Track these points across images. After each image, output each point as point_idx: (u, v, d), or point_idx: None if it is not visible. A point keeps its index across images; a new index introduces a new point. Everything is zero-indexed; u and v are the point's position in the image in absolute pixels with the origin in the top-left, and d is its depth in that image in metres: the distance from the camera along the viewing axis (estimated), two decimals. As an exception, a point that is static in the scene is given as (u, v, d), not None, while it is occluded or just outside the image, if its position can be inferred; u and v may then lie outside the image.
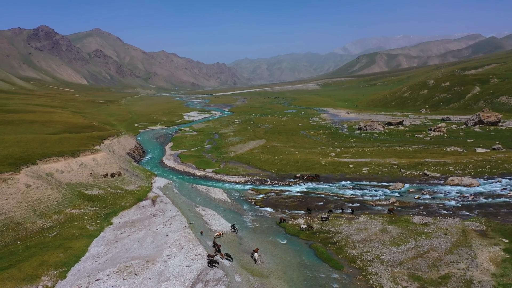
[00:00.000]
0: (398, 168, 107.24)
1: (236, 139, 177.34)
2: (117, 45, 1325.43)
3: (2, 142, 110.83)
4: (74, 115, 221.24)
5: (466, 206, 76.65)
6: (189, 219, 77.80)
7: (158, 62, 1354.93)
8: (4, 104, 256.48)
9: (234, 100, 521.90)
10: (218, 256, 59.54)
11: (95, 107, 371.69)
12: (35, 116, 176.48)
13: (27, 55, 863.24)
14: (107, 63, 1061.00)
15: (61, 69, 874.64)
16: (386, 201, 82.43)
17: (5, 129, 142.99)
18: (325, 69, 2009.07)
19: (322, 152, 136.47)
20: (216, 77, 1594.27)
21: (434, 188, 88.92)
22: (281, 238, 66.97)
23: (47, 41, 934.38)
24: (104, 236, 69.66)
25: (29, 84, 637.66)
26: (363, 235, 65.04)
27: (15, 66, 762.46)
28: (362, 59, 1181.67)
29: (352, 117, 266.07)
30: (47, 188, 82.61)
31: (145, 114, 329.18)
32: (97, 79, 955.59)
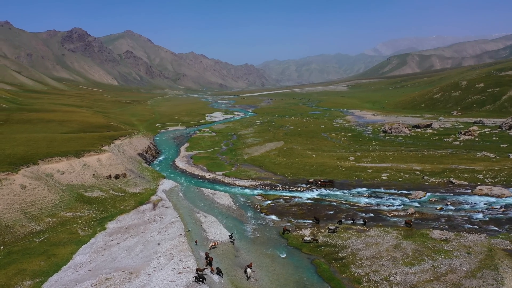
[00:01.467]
0: (421, 174, 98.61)
1: (253, 140, 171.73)
2: (147, 46, 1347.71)
3: (11, 141, 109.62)
4: (95, 114, 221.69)
5: (495, 220, 67.99)
6: (187, 226, 72.73)
7: (187, 63, 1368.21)
8: (30, 103, 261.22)
9: (260, 101, 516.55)
10: (208, 270, 54.06)
11: (120, 107, 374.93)
12: (54, 116, 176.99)
13: (61, 57, 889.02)
14: (137, 64, 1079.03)
15: (92, 70, 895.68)
16: (403, 212, 74.63)
17: (22, 128, 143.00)
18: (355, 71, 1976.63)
19: (340, 155, 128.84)
20: (244, 78, 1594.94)
21: (460, 198, 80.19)
22: (282, 251, 60.69)
23: (80, 43, 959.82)
24: (93, 242, 65.42)
25: (62, 85, 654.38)
26: (373, 251, 57.85)
27: (49, 67, 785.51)
28: (392, 60, 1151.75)
29: (378, 119, 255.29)
30: (44, 189, 79.52)
31: (168, 114, 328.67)
32: (127, 80, 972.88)
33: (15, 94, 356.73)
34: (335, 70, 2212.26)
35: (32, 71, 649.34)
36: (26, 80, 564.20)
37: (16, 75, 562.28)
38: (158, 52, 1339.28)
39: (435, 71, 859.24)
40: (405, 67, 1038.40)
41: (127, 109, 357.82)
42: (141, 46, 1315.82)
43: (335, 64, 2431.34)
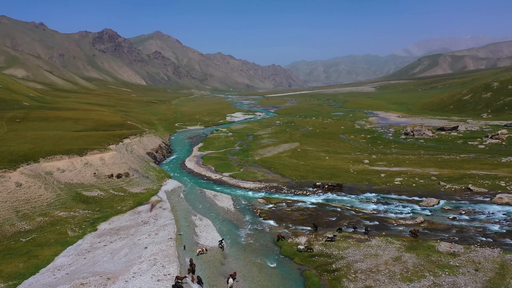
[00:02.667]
0: (437, 180, 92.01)
1: (268, 141, 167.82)
2: (176, 47, 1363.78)
3: (20, 138, 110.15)
4: (115, 113, 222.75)
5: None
6: (180, 229, 69.75)
7: (214, 64, 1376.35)
8: (54, 101, 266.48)
9: (284, 102, 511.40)
10: (188, 278, 50.68)
11: (144, 107, 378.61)
12: (72, 114, 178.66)
13: (91, 57, 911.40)
14: (165, 65, 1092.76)
15: (122, 70, 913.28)
16: (411, 221, 68.98)
17: (36, 125, 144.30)
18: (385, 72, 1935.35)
19: (354, 158, 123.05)
20: (271, 79, 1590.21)
21: (476, 207, 73.64)
22: (272, 259, 56.60)
23: (110, 44, 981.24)
24: (80, 244, 63.35)
25: (91, 84, 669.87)
26: (370, 263, 52.95)
27: (80, 67, 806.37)
28: (423, 60, 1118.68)
29: (402, 121, 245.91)
30: (40, 187, 78.43)
31: (190, 114, 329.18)
32: (155, 80, 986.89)
33: (44, 93, 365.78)
34: (364, 71, 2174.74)
35: (63, 70, 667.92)
36: (57, 79, 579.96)
37: (47, 74, 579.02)
38: (186, 53, 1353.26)
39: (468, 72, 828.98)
40: (436, 68, 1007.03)
41: (150, 109, 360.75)
42: (169, 47, 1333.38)
43: (364, 65, 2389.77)
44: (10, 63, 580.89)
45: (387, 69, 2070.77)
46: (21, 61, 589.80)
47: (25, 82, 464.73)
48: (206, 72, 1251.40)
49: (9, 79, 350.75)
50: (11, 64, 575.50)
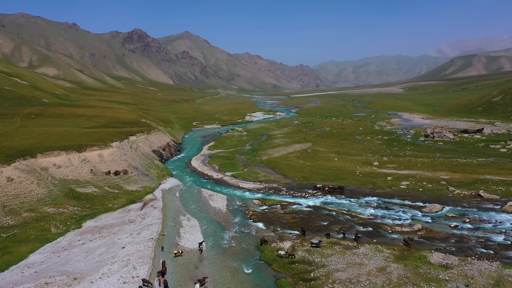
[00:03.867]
0: (447, 185, 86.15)
1: (281, 141, 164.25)
2: (204, 47, 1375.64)
3: (26, 134, 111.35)
4: (132, 111, 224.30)
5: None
6: (164, 229, 67.63)
7: (242, 64, 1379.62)
8: (76, 99, 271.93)
9: (307, 102, 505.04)
10: (156, 282, 48.25)
11: (167, 105, 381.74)
12: (87, 111, 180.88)
13: (121, 56, 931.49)
14: (192, 64, 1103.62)
15: (150, 69, 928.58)
16: (408, 228, 64.17)
17: (50, 122, 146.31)
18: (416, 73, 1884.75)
19: (364, 160, 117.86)
20: (299, 79, 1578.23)
21: (483, 215, 67.89)
22: (249, 265, 53.41)
23: (139, 43, 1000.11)
24: (59, 242, 62.15)
25: (120, 83, 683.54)
26: (351, 273, 48.94)
27: (109, 66, 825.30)
28: (456, 61, 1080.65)
29: (426, 122, 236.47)
30: (32, 183, 78.15)
31: (210, 113, 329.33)
32: (182, 79, 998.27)
33: (71, 91, 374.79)
34: (395, 72, 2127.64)
35: (93, 70, 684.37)
36: (86, 78, 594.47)
37: (77, 73, 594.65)
38: (214, 53, 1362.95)
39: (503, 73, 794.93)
40: (470, 69, 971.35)
41: (172, 107, 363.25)
42: (198, 47, 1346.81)
43: (395, 65, 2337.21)
44: (42, 62, 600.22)
45: (418, 70, 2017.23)
46: (53, 60, 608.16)
47: (55, 81, 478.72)
48: (233, 72, 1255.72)
49: (37, 77, 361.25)
50: (43, 63, 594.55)
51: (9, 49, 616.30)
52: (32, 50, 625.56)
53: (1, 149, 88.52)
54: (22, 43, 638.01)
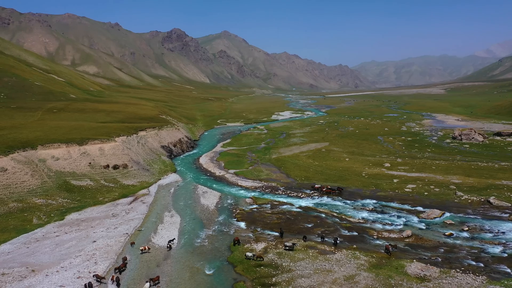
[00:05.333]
0: (456, 189, 79.49)
1: (298, 140, 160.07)
2: (242, 46, 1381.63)
3: (38, 126, 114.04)
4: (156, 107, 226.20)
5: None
6: (144, 225, 66.25)
7: (279, 63, 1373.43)
8: (107, 95, 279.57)
9: (341, 102, 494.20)
10: (109, 279, 46.55)
11: (198, 103, 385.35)
12: (109, 106, 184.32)
13: (160, 55, 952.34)
14: (229, 63, 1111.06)
15: (187, 68, 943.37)
16: (397, 234, 59.08)
17: (69, 116, 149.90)
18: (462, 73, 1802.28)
19: (376, 161, 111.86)
20: (337, 79, 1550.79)
21: (486, 224, 61.51)
22: (213, 266, 50.66)
23: (178, 43, 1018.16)
24: (35, 233, 62.06)
25: (157, 81, 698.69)
26: (316, 280, 45.13)
27: (148, 65, 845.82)
28: (505, 62, 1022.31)
29: (460, 124, 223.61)
30: (26, 174, 79.12)
31: (238, 111, 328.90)
32: (219, 78, 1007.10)
33: (106, 88, 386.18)
34: (439, 73, 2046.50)
35: (132, 68, 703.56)
36: (125, 76, 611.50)
37: (116, 71, 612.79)
38: (252, 52, 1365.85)
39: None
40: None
41: (202, 105, 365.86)
42: (236, 46, 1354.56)
43: (439, 66, 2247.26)
44: (84, 60, 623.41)
45: (464, 70, 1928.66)
46: (94, 58, 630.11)
47: (94, 78, 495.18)
48: (270, 71, 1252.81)
49: (75, 74, 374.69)
50: (85, 61, 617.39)
51: (54, 47, 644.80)
52: (75, 49, 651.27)
53: (5, 140, 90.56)
54: (66, 42, 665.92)
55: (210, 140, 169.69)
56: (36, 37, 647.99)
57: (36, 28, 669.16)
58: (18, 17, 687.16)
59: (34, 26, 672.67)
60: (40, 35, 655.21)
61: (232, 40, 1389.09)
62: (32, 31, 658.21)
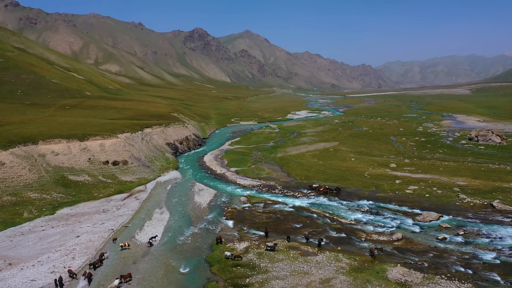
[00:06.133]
0: (459, 192, 75.89)
1: (308, 139, 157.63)
2: (263, 46, 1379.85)
3: (45, 122, 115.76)
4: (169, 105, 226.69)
5: (507, 265, 46.64)
6: (131, 221, 65.88)
7: (301, 63, 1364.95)
8: (124, 93, 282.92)
9: (361, 102, 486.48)
10: (81, 274, 46.04)
11: (214, 102, 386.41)
12: (122, 104, 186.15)
13: (182, 55, 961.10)
14: (250, 63, 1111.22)
15: (208, 67, 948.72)
16: (387, 236, 56.59)
17: (80, 112, 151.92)
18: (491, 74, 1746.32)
19: (382, 161, 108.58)
20: (360, 79, 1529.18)
21: (484, 228, 58.24)
22: (190, 264, 49.51)
23: (199, 42, 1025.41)
24: (23, 226, 62.50)
25: (178, 80, 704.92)
26: (290, 282, 43.38)
27: (170, 64, 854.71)
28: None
29: (481, 125, 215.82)
30: (24, 168, 79.99)
31: (254, 110, 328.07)
32: (240, 77, 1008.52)
33: (125, 86, 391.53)
34: (466, 73, 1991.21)
35: (153, 67, 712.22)
36: (146, 74, 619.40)
37: (138, 70, 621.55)
38: (273, 52, 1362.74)
39: None
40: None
41: (219, 104, 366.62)
42: (257, 46, 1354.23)
43: (467, 66, 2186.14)
44: (106, 59, 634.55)
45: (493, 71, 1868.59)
46: (116, 57, 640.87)
47: (116, 77, 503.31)
48: (292, 71, 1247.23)
49: (95, 73, 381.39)
50: (108, 60, 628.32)
51: (78, 46, 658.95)
52: (98, 48, 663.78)
53: (9, 135, 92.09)
54: (90, 41, 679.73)
55: (220, 138, 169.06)
56: (62, 37, 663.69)
57: (62, 27, 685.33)
58: (45, 17, 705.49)
59: (60, 25, 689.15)
60: (65, 35, 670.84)
61: (254, 40, 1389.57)
62: (58, 31, 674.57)
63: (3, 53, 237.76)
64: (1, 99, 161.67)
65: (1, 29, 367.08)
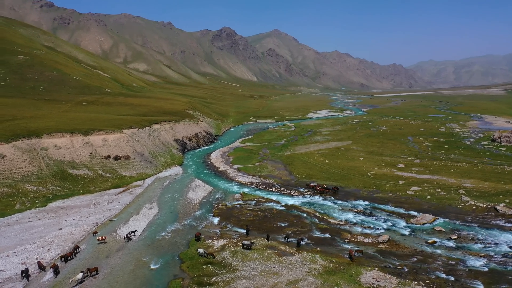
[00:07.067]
0: (463, 194, 71.65)
1: (322, 138, 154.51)
2: (292, 45, 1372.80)
3: (57, 117, 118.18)
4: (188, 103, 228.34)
5: (495, 272, 43.21)
6: (118, 215, 65.80)
7: (329, 62, 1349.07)
8: (145, 91, 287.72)
9: (387, 102, 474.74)
10: (49, 267, 45.88)
11: (237, 100, 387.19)
12: (138, 101, 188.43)
13: (209, 53, 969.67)
14: (277, 62, 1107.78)
15: (235, 66, 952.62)
16: (373, 238, 53.81)
17: (95, 108, 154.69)
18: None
19: (391, 161, 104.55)
20: (390, 79, 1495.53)
21: (481, 233, 54.42)
22: (161, 260, 48.51)
23: (227, 41, 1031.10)
24: (11, 217, 63.52)
25: (204, 79, 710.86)
26: (256, 283, 41.65)
27: (197, 63, 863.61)
28: None
29: (509, 126, 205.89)
30: (24, 161, 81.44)
31: (275, 109, 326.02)
32: (266, 76, 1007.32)
33: (151, 84, 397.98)
34: (504, 73, 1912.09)
35: (181, 66, 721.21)
36: (173, 73, 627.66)
37: (165, 69, 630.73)
38: (302, 51, 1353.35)
39: None
40: None
41: (241, 103, 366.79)
42: (285, 45, 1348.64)
43: (505, 66, 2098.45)
44: (135, 58, 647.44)
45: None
46: (144, 56, 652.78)
47: (143, 75, 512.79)
48: (320, 70, 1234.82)
49: (121, 71, 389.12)
50: (136, 59, 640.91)
51: (108, 46, 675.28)
52: (127, 47, 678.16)
53: (15, 128, 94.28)
54: (119, 40, 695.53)
55: (233, 135, 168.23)
56: (93, 36, 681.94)
57: (93, 27, 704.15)
58: (77, 17, 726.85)
59: (91, 25, 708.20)
60: (96, 34, 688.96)
61: (282, 39, 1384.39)
62: (89, 30, 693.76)
63: (31, 51, 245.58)
64: (23, 95, 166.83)
65: (33, 29, 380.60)
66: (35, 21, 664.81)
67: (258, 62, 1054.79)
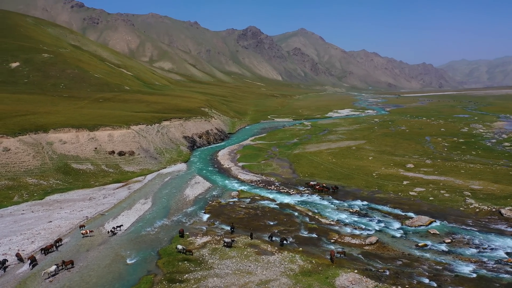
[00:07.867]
0: (468, 196, 68.05)
1: (335, 137, 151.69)
2: (318, 44, 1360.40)
3: (70, 113, 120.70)
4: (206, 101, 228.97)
5: (482, 279, 40.45)
6: (110, 210, 65.91)
7: (356, 61, 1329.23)
8: (166, 89, 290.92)
9: (412, 102, 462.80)
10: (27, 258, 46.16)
11: (258, 99, 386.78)
12: (155, 98, 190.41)
13: (234, 53, 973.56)
14: (303, 61, 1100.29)
15: (260, 65, 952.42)
16: (360, 240, 51.58)
17: (110, 105, 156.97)
18: None
19: (400, 161, 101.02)
20: (419, 78, 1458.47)
21: (478, 237, 51.36)
22: (138, 256, 48.04)
23: (252, 40, 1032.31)
24: (6, 210, 64.87)
25: (228, 78, 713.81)
26: (226, 282, 40.57)
27: (222, 62, 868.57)
28: None
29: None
30: (29, 155, 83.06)
31: (295, 108, 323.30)
32: (291, 75, 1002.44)
33: (174, 83, 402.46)
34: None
35: (205, 64, 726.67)
36: (197, 72, 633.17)
37: (189, 67, 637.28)
38: (328, 50, 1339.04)
39: None
40: None
41: (261, 101, 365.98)
42: (312, 44, 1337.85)
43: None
44: (161, 57, 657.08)
45: None
46: (170, 55, 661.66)
47: (167, 73, 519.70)
48: (346, 69, 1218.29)
49: (144, 69, 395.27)
50: (162, 58, 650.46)
51: (135, 45, 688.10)
52: (153, 46, 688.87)
53: (24, 123, 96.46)
54: (146, 40, 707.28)
55: (246, 133, 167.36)
56: (120, 35, 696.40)
57: (121, 27, 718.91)
58: (106, 17, 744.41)
59: (119, 25, 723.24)
60: (123, 34, 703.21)
61: (308, 38, 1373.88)
62: (117, 30, 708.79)
63: (56, 50, 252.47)
64: (44, 92, 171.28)
65: (61, 28, 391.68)
66: (65, 21, 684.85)
67: (283, 61, 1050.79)
